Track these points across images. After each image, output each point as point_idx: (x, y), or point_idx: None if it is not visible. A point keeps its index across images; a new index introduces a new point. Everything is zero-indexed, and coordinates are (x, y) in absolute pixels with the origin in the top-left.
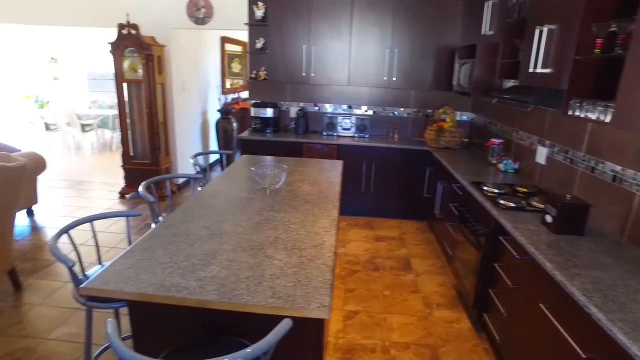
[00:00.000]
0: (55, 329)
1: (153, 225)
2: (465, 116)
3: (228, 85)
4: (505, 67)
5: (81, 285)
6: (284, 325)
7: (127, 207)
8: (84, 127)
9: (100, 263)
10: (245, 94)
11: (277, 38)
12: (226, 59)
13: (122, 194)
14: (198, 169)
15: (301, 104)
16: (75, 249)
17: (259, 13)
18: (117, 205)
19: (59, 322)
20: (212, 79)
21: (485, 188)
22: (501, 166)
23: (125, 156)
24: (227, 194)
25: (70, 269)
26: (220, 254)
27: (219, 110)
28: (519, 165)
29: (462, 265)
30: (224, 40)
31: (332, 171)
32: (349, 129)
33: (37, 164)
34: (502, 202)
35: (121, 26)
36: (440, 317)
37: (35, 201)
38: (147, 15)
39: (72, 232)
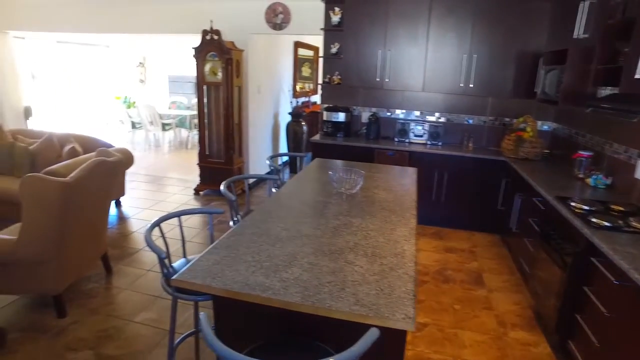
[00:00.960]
0: (140, 313)
1: (231, 224)
2: (546, 126)
3: (298, 88)
4: (601, 74)
5: (173, 277)
6: (371, 335)
7: (201, 203)
8: (164, 126)
9: (184, 256)
10: (315, 98)
11: (353, 43)
12: (298, 63)
13: (197, 191)
14: (273, 170)
15: (373, 109)
16: (165, 241)
17: (335, 18)
18: (192, 201)
19: (143, 307)
20: (284, 82)
21: (572, 204)
22: (590, 181)
23: (202, 155)
24: (303, 196)
25: (162, 260)
26: (301, 256)
27: (290, 113)
28: (612, 181)
29: (542, 285)
30: (297, 45)
31: (407, 178)
32: (421, 136)
33: (127, 159)
34: (594, 220)
35: (205, 32)
36: (516, 338)
37: (122, 193)
38: (228, 22)
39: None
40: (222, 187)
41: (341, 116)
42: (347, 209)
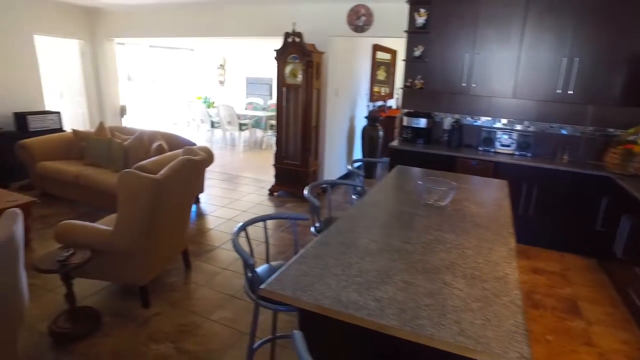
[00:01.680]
0: (216, 311)
1: (312, 230)
2: None
3: (375, 92)
4: None
5: (261, 287)
6: None
7: (275, 204)
8: (241, 126)
9: (267, 261)
10: (390, 102)
11: (438, 46)
12: (375, 67)
13: (271, 191)
14: (353, 175)
15: (456, 116)
16: (250, 245)
17: (420, 20)
18: (266, 202)
19: (219, 305)
20: (362, 85)
21: None
22: None
23: (278, 156)
24: (388, 205)
25: (250, 266)
26: (394, 273)
27: (366, 117)
28: None
29: None
30: (376, 48)
31: (498, 192)
32: (508, 146)
33: (209, 158)
34: None
35: (287, 34)
36: None
37: (202, 190)
38: (309, 24)
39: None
40: (305, 192)
41: (422, 122)
42: (437, 222)
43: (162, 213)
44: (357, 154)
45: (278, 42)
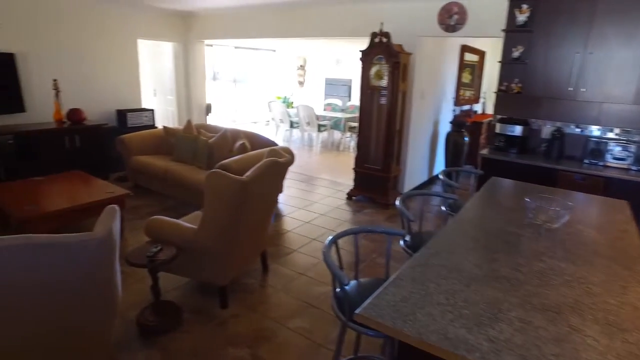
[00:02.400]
0: (292, 319)
1: (402, 243)
2: None
3: (462, 96)
4: None
5: (356, 311)
6: None
7: (353, 209)
8: (319, 127)
9: (356, 278)
10: (477, 107)
11: (542, 45)
12: (462, 69)
13: (349, 196)
14: (445, 185)
15: (558, 124)
16: (340, 260)
17: (522, 17)
18: (343, 206)
19: (295, 312)
20: (447, 89)
21: None
22: None
23: (359, 160)
24: (489, 224)
25: (343, 286)
26: (507, 307)
27: (451, 122)
28: None
29: None
30: (464, 49)
31: (617, 214)
32: (623, 159)
33: (291, 159)
34: None
35: (374, 35)
36: None
37: (281, 190)
38: (397, 24)
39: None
40: (397, 203)
41: (517, 129)
42: (549, 248)
43: (246, 214)
44: (440, 160)
45: (360, 43)
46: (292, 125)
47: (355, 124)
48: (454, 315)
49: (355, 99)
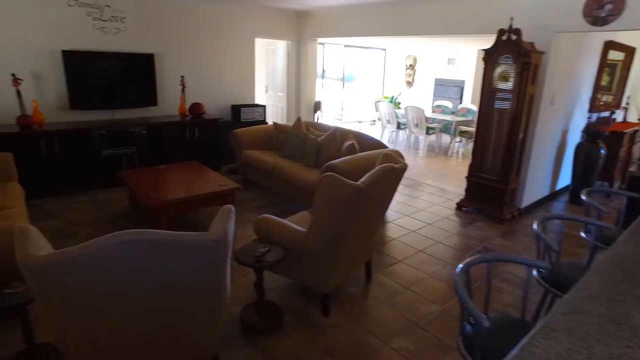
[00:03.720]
0: (395, 338)
1: (535, 273)
2: None
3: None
4: None
5: None
6: None
7: (462, 220)
8: (428, 130)
9: (485, 312)
10: (617, 114)
11: None
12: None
13: (459, 206)
14: (588, 206)
15: None
16: (470, 290)
17: None
18: (452, 217)
19: (399, 331)
20: (582, 93)
21: None
22: None
23: (473, 167)
24: None
25: (478, 326)
26: None
27: (583, 131)
28: None
29: None
30: (609, 45)
31: None
32: None
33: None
34: None
35: (501, 32)
36: None
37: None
38: (529, 19)
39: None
40: (535, 227)
41: None
42: None
43: (357, 221)
44: (565, 174)
45: (477, 42)
46: (399, 126)
47: (467, 129)
48: None
49: (467, 101)
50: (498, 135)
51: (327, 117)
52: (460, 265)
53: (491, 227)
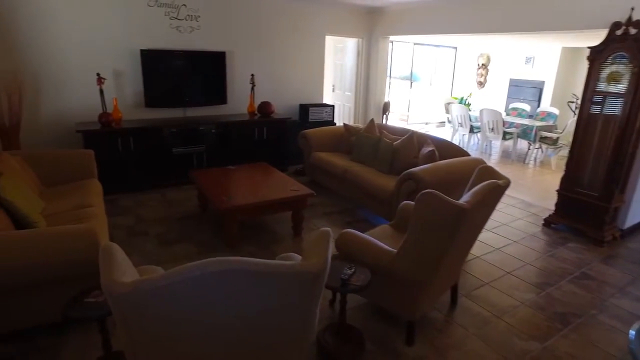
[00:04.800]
0: None
1: None
2: None
3: None
4: None
5: None
6: None
7: (551, 239)
8: (504, 135)
9: None
10: None
11: None
12: None
13: (547, 222)
14: None
15: None
16: None
17: None
18: (540, 234)
19: None
20: None
21: None
22: None
23: (567, 180)
24: None
25: None
26: None
27: None
28: None
29: None
30: None
31: None
32: None
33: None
34: None
35: (616, 25)
36: None
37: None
38: None
39: None
40: None
41: None
42: None
43: (454, 244)
44: None
45: (561, 38)
46: (472, 129)
47: (548, 134)
48: None
49: (546, 104)
50: (601, 145)
51: (392, 118)
52: (636, 326)
53: (588, 250)
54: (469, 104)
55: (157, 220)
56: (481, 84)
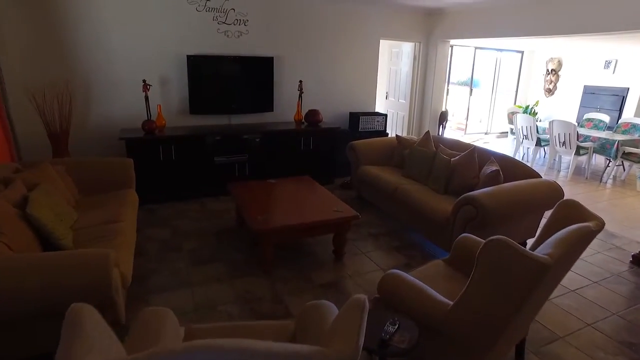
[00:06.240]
0: None
1: None
2: None
3: None
4: None
5: None
6: None
7: None
8: (578, 150)
9: None
10: None
11: None
12: None
13: (636, 259)
14: None
15: None
16: None
17: None
18: (627, 274)
19: None
20: None
21: None
22: None
23: None
24: None
25: None
26: None
27: None
28: None
29: None
30: None
31: None
32: None
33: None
34: None
35: None
36: None
37: (533, 234)
38: None
39: None
40: None
41: None
42: None
43: (529, 303)
44: None
45: None
46: (538, 142)
47: (634, 150)
48: None
49: (629, 114)
50: None
51: (448, 127)
52: None
53: None
54: (535, 113)
55: (193, 234)
56: (550, 91)
